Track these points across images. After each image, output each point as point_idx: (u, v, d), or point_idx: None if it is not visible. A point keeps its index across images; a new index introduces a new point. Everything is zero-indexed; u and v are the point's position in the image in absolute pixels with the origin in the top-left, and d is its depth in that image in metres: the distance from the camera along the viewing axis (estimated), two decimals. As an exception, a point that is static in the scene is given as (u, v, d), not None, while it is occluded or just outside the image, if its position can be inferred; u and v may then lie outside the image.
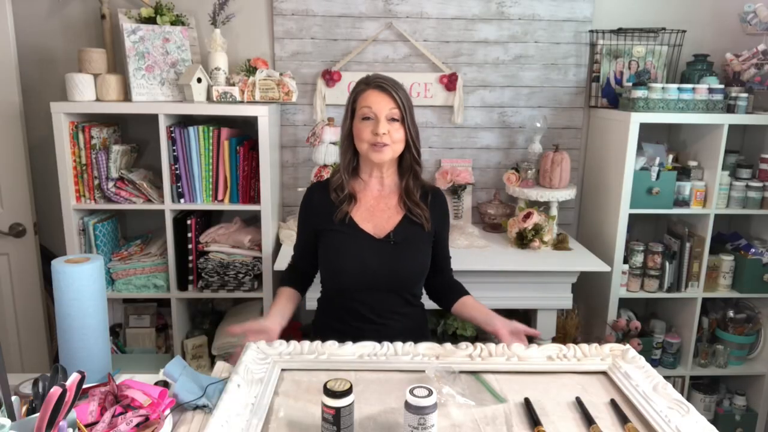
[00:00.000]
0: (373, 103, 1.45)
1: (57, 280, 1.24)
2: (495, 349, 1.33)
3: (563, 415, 1.18)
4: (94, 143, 2.21)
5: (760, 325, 2.58)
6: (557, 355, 1.35)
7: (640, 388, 1.21)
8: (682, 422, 1.08)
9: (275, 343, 1.32)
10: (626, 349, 1.37)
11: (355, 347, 1.32)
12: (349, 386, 1.03)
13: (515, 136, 2.67)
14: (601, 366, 1.34)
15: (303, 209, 1.61)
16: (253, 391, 1.15)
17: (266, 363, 1.27)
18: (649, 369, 1.28)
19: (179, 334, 2.38)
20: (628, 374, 1.27)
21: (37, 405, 0.98)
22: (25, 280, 2.35)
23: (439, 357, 1.31)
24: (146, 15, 2.27)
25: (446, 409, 1.18)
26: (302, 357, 1.31)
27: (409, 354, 1.31)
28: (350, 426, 1.04)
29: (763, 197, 2.43)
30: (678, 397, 1.17)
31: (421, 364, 1.29)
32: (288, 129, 2.60)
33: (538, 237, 2.32)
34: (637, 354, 1.35)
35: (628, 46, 2.56)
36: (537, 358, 1.34)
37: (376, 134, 1.44)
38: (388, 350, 1.31)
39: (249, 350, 1.29)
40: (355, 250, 1.51)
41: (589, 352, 1.36)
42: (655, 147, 2.46)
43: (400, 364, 1.30)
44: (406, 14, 2.53)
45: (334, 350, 1.32)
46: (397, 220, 1.54)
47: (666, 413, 1.11)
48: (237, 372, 1.18)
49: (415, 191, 1.55)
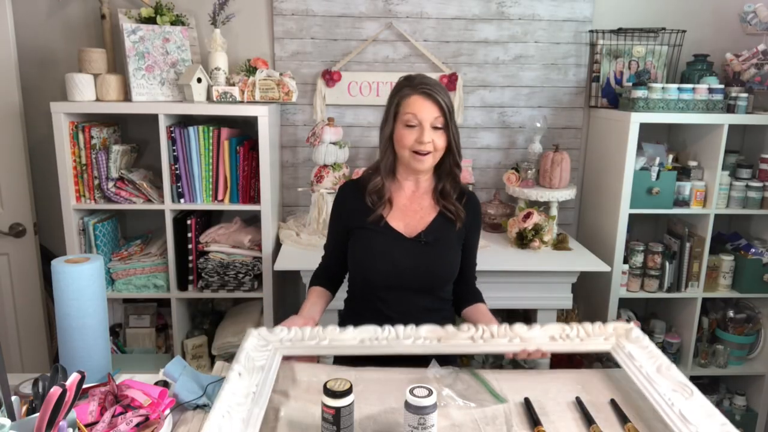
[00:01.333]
0: (418, 111, 1.41)
1: (57, 280, 1.24)
2: (497, 331, 1.29)
3: (563, 415, 1.18)
4: (94, 143, 2.21)
5: (760, 325, 2.58)
6: (560, 335, 1.30)
7: (644, 369, 1.19)
8: (685, 406, 1.06)
9: (276, 329, 1.29)
10: (630, 328, 1.32)
11: (356, 332, 1.28)
12: (349, 386, 1.03)
13: (515, 136, 2.67)
14: (604, 346, 1.30)
15: (335, 208, 1.59)
16: (254, 380, 1.13)
17: (267, 350, 1.24)
18: (653, 349, 1.26)
19: (179, 334, 2.38)
20: (631, 355, 1.24)
21: (37, 405, 0.98)
22: (25, 280, 2.35)
23: (441, 339, 1.27)
24: (146, 15, 2.27)
25: (446, 410, 1.18)
26: (303, 343, 1.27)
27: (411, 337, 1.27)
28: (350, 426, 1.04)
29: (763, 197, 2.43)
30: (682, 379, 1.14)
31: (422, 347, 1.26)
32: (288, 129, 2.60)
33: (538, 237, 2.32)
34: (641, 333, 1.31)
35: (628, 46, 2.56)
36: (540, 339, 1.29)
37: (420, 143, 1.41)
38: (389, 334, 1.27)
39: (250, 337, 1.26)
40: (386, 249, 1.48)
41: (593, 331, 1.31)
42: (655, 147, 2.46)
43: (401, 348, 1.26)
44: (406, 14, 2.53)
45: (336, 335, 1.28)
46: (429, 220, 1.51)
47: (669, 396, 1.09)
48: (238, 360, 1.16)
49: (453, 193, 1.52)
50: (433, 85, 1.43)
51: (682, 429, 1.02)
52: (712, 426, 1.02)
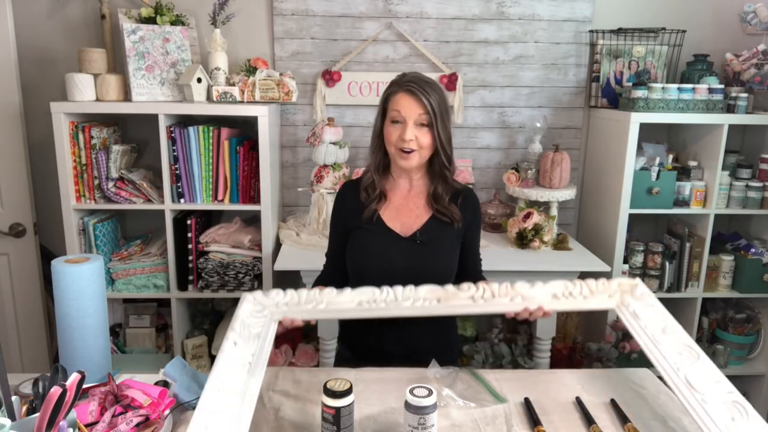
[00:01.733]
0: (402, 108, 1.41)
1: (57, 280, 1.24)
2: (498, 290, 1.24)
3: (563, 415, 1.18)
4: (94, 143, 2.21)
5: (760, 325, 2.58)
6: (563, 293, 1.25)
7: (649, 330, 1.15)
8: (691, 370, 1.03)
9: (272, 292, 1.24)
10: (635, 284, 1.26)
11: (354, 294, 1.23)
12: (349, 386, 1.03)
13: (515, 136, 2.67)
14: (608, 304, 1.24)
15: (335, 209, 1.59)
16: (250, 348, 1.08)
17: (263, 316, 1.19)
18: (659, 308, 1.21)
19: (179, 334, 2.38)
20: (636, 314, 1.19)
21: (37, 405, 0.98)
22: (25, 280, 2.35)
23: (441, 300, 1.23)
24: (146, 15, 2.27)
25: (446, 410, 1.18)
26: (300, 307, 1.23)
27: (410, 299, 1.22)
28: (350, 426, 1.04)
29: (763, 197, 2.43)
30: (689, 341, 1.10)
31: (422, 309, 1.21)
32: (288, 129, 2.60)
33: (538, 237, 2.32)
34: (647, 290, 1.25)
35: (628, 46, 2.56)
36: (542, 297, 1.24)
37: (402, 139, 1.41)
38: (388, 296, 1.23)
39: (245, 303, 1.21)
40: (381, 248, 1.48)
41: (596, 288, 1.25)
42: (655, 147, 2.46)
43: (400, 310, 1.22)
44: (406, 14, 2.53)
45: (333, 298, 1.23)
46: (425, 219, 1.51)
47: (675, 360, 1.06)
48: (233, 328, 1.11)
49: (445, 196, 1.51)
50: (421, 83, 1.42)
51: (688, 397, 0.99)
52: (719, 393, 0.98)
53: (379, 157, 1.51)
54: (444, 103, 1.45)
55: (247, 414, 0.95)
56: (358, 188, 1.54)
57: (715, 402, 0.98)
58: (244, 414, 0.95)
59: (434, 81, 1.46)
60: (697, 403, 0.98)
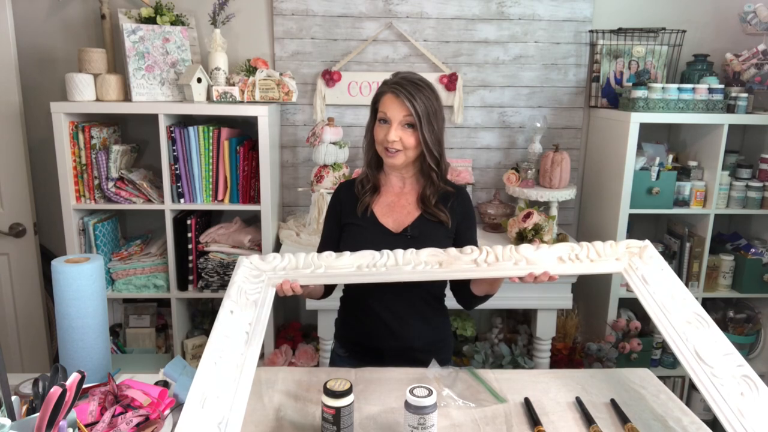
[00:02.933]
0: (388, 108, 1.43)
1: (57, 280, 1.24)
2: (502, 253, 1.21)
3: (563, 415, 1.18)
4: (94, 143, 2.21)
5: (760, 325, 2.58)
6: (569, 256, 1.21)
7: (657, 296, 1.11)
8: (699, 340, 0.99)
9: (269, 256, 1.21)
10: (644, 246, 1.22)
11: (353, 258, 1.21)
12: (349, 386, 1.03)
13: (515, 136, 2.67)
14: (616, 267, 1.20)
15: (331, 206, 1.61)
16: (246, 317, 1.05)
17: (260, 282, 1.15)
18: (668, 272, 1.16)
19: (179, 334, 2.38)
20: (644, 278, 1.15)
21: (37, 405, 0.98)
22: (25, 280, 2.35)
23: (442, 264, 1.20)
24: (146, 15, 2.27)
25: (446, 410, 1.18)
26: (298, 272, 1.20)
27: (411, 263, 1.20)
28: (350, 426, 1.04)
29: (763, 197, 2.43)
30: (698, 309, 1.08)
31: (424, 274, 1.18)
32: (288, 129, 2.60)
33: (538, 237, 2.32)
34: (656, 253, 1.20)
35: (628, 46, 2.56)
36: (547, 260, 1.20)
37: (386, 140, 1.43)
38: (388, 260, 1.21)
39: (241, 267, 1.16)
40: (371, 243, 1.48)
41: (604, 251, 1.21)
42: (655, 147, 2.46)
43: (401, 275, 1.19)
44: (406, 14, 2.53)
45: (331, 262, 1.21)
46: (416, 214, 1.53)
47: (684, 330, 1.02)
48: (229, 295, 1.07)
49: (432, 198, 1.51)
50: (408, 85, 1.42)
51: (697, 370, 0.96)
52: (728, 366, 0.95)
53: (371, 153, 1.54)
54: (433, 105, 1.44)
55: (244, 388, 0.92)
56: (353, 187, 1.57)
57: (725, 376, 0.94)
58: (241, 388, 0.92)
59: (426, 82, 1.45)
60: (706, 377, 0.95)
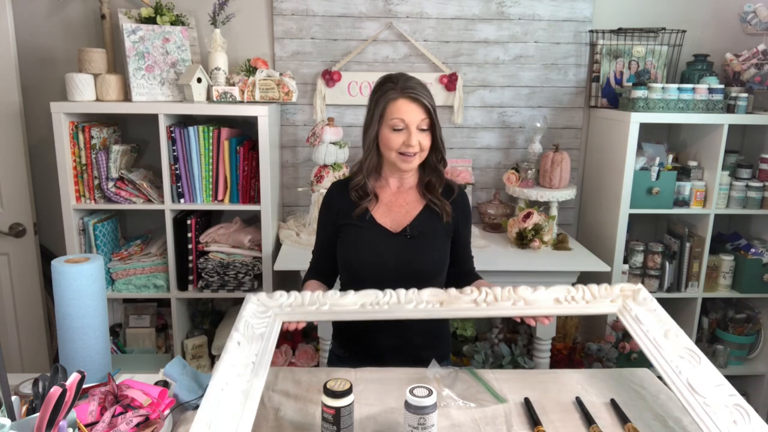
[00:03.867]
0: (405, 114, 1.42)
1: (57, 280, 1.24)
2: (501, 294, 1.26)
3: (563, 415, 1.18)
4: (94, 143, 2.21)
5: (760, 325, 2.58)
6: (565, 297, 1.26)
7: (651, 334, 1.15)
8: (693, 374, 1.03)
9: (275, 294, 1.26)
10: (638, 289, 1.28)
11: (357, 297, 1.25)
12: (349, 386, 1.03)
13: (515, 136, 2.67)
14: (610, 308, 1.26)
15: (324, 207, 1.59)
16: (253, 349, 1.10)
17: (267, 316, 1.20)
18: (661, 313, 1.21)
19: (179, 334, 2.38)
20: (638, 318, 1.20)
21: (37, 405, 0.98)
22: (25, 280, 2.35)
23: (443, 303, 1.23)
24: (146, 15, 2.27)
25: (446, 410, 1.18)
26: (303, 308, 1.24)
27: (413, 302, 1.24)
28: (350, 426, 1.04)
29: (763, 197, 2.43)
30: (690, 345, 1.11)
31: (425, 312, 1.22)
32: (288, 129, 2.60)
33: (538, 237, 2.32)
34: (649, 295, 1.26)
35: (628, 46, 2.56)
36: (544, 302, 1.26)
37: (408, 145, 1.43)
38: (390, 298, 1.24)
39: (249, 303, 1.22)
40: (372, 244, 1.50)
41: (599, 293, 1.26)
42: (655, 147, 2.46)
43: (403, 313, 1.23)
44: (406, 14, 2.53)
45: (336, 300, 1.25)
46: (415, 214, 1.53)
47: (677, 363, 1.06)
48: (237, 328, 1.12)
49: (438, 187, 1.54)
50: (418, 87, 1.43)
51: (690, 400, 0.99)
52: (720, 396, 0.98)
53: (374, 160, 1.51)
54: (434, 101, 1.47)
55: (250, 413, 0.95)
56: (347, 188, 1.55)
57: (717, 405, 0.98)
58: (246, 413, 0.95)
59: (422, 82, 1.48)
60: (698, 406, 0.99)
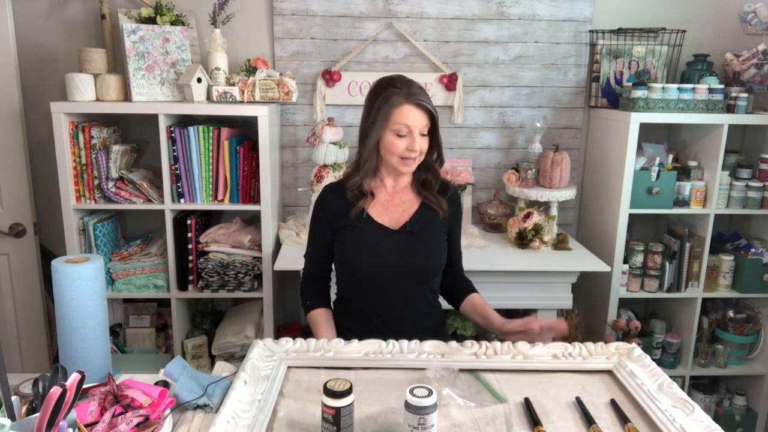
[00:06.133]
0: (410, 120, 1.43)
1: (57, 280, 1.24)
2: (500, 348, 1.35)
3: (563, 415, 1.18)
4: (94, 143, 2.21)
5: (760, 325, 2.58)
6: (562, 353, 1.36)
7: (645, 387, 1.21)
8: (686, 421, 1.08)
9: (282, 340, 1.34)
10: (632, 348, 1.37)
11: (360, 345, 1.34)
12: (349, 386, 1.03)
13: (515, 136, 2.67)
14: (606, 365, 1.34)
15: (318, 210, 1.58)
16: (259, 388, 1.17)
17: (273, 360, 1.29)
18: (654, 368, 1.29)
19: (179, 334, 2.38)
20: (633, 373, 1.27)
21: (37, 405, 0.98)
22: (25, 280, 2.35)
23: (444, 355, 1.33)
24: (146, 15, 2.27)
25: (446, 410, 1.18)
26: (308, 354, 1.33)
27: (414, 352, 1.33)
28: (350, 426, 1.04)
29: (763, 197, 2.43)
30: (683, 396, 1.17)
31: (426, 362, 1.31)
32: (288, 129, 2.60)
33: (538, 237, 2.32)
34: (643, 353, 1.35)
35: (628, 46, 2.56)
36: (542, 357, 1.35)
37: (411, 150, 1.44)
38: (393, 348, 1.33)
39: (256, 348, 1.30)
40: (372, 244, 1.50)
41: (595, 351, 1.37)
42: (655, 147, 2.46)
43: (405, 362, 1.31)
44: (406, 14, 2.53)
45: (340, 348, 1.34)
46: (412, 211, 1.54)
47: (671, 412, 1.11)
48: (244, 369, 1.20)
49: (434, 185, 1.56)
50: (422, 93, 1.45)
51: None
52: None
53: (374, 162, 1.52)
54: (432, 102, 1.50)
55: None
56: (340, 190, 1.55)
57: None
58: None
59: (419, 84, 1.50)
60: None
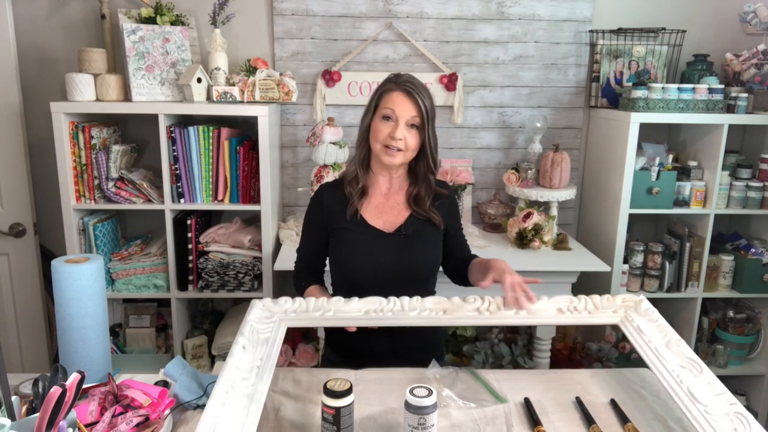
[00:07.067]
0: (396, 106, 1.43)
1: (57, 280, 1.24)
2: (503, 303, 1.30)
3: (563, 415, 1.18)
4: (94, 143, 2.21)
5: (760, 325, 2.58)
6: (568, 307, 1.30)
7: (653, 344, 1.17)
8: (693, 383, 1.04)
9: (280, 300, 1.29)
10: (639, 300, 1.31)
11: (361, 303, 1.28)
12: (349, 386, 1.03)
13: (515, 136, 2.67)
14: (612, 318, 1.29)
15: (313, 208, 1.58)
16: (258, 353, 1.12)
17: (272, 322, 1.23)
18: (662, 323, 1.23)
19: (179, 334, 2.38)
20: (640, 328, 1.22)
21: (37, 405, 0.98)
22: (25, 280, 2.35)
23: (446, 311, 1.27)
24: (146, 15, 2.27)
25: (446, 410, 1.18)
26: (308, 314, 1.27)
27: (416, 309, 1.27)
28: (350, 426, 1.04)
29: (763, 197, 2.43)
30: (691, 355, 1.12)
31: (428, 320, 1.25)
32: (288, 129, 2.60)
33: (538, 237, 2.32)
34: (651, 306, 1.29)
35: (628, 46, 2.56)
36: (547, 311, 1.29)
37: (392, 138, 1.43)
38: (394, 305, 1.27)
39: (254, 309, 1.25)
40: (366, 246, 1.50)
41: (601, 304, 1.31)
42: (655, 147, 2.46)
43: (406, 320, 1.26)
44: (406, 14, 2.53)
45: (340, 306, 1.28)
46: (407, 214, 1.53)
47: (678, 372, 1.08)
48: (242, 333, 1.15)
49: (426, 199, 1.53)
50: (417, 86, 1.45)
51: (690, 408, 1.00)
52: (721, 405, 0.99)
53: (364, 152, 1.52)
54: (434, 108, 1.48)
55: (254, 416, 0.96)
56: (336, 190, 1.55)
57: (718, 413, 0.98)
58: (251, 416, 0.96)
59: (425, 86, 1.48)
60: (699, 415, 0.99)
